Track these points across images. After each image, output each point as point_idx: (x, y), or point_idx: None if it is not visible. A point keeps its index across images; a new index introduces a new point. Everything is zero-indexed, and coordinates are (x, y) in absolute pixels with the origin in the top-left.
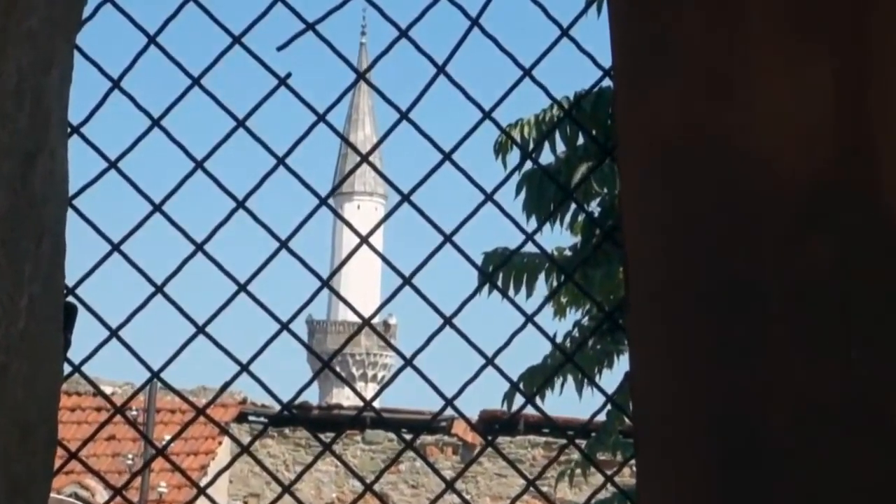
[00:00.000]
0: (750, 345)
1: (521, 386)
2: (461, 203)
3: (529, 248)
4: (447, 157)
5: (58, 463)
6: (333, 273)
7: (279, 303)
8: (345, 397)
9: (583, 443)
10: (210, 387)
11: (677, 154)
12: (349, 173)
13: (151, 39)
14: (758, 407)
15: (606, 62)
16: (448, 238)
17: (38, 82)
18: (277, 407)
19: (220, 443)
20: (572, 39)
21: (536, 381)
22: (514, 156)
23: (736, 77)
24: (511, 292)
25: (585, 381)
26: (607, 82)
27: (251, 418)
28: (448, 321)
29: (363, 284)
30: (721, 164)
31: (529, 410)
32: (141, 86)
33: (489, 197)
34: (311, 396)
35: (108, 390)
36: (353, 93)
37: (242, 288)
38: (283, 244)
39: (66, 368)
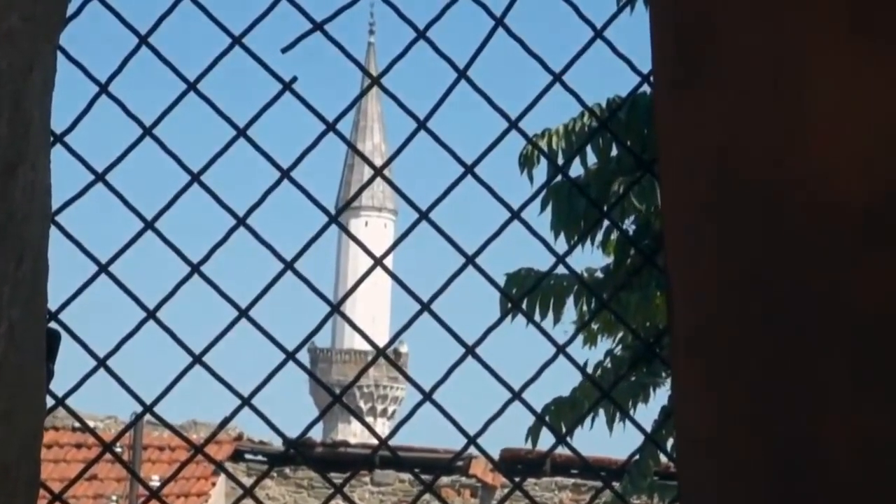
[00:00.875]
0: (806, 380)
1: (546, 420)
2: (481, 221)
3: (556, 269)
4: (469, 170)
5: None
6: (344, 298)
7: (279, 330)
8: (351, 434)
9: (615, 485)
10: (202, 421)
11: (726, 168)
12: (362, 188)
13: (143, 39)
14: (815, 449)
15: (643, 67)
16: (470, 260)
17: (18, 86)
18: (276, 444)
19: (213, 484)
20: (607, 41)
21: (564, 414)
22: (539, 170)
23: (790, 83)
24: (536, 317)
25: (617, 417)
26: (643, 89)
27: (248, 457)
28: (470, 350)
29: (371, 310)
30: (774, 178)
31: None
32: (131, 91)
33: (516, 214)
34: (314, 432)
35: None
36: (361, 100)
37: (244, 313)
38: (289, 265)
39: (49, 401)
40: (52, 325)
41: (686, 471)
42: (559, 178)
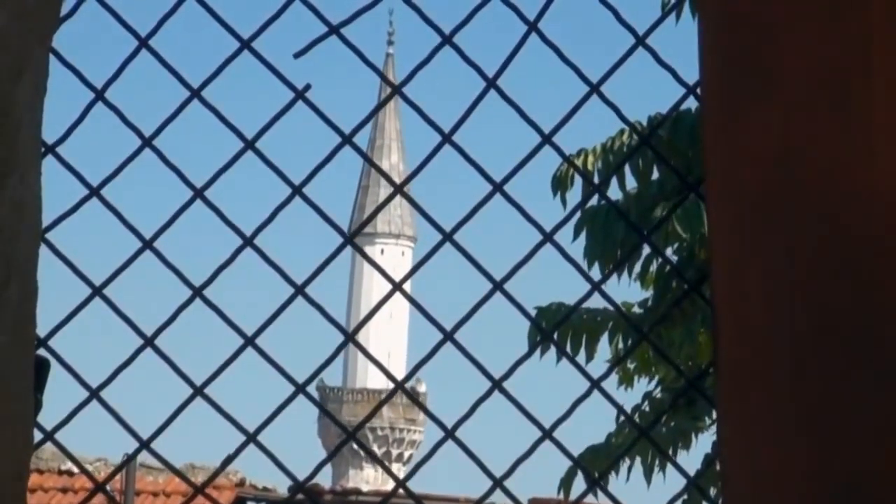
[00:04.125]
0: (868, 413)
1: (579, 462)
2: (509, 248)
3: (590, 302)
4: (498, 187)
5: None
6: (360, 326)
7: (286, 366)
8: (363, 480)
9: None
10: (200, 465)
11: (780, 187)
12: (381, 206)
13: (143, 42)
14: (877, 489)
15: (688, 79)
16: (498, 286)
17: (6, 92)
18: (281, 490)
19: None
20: (649, 49)
21: (598, 463)
22: (574, 193)
23: (853, 93)
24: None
25: (656, 464)
26: (687, 104)
27: None
28: (497, 385)
29: (387, 346)
30: (833, 197)
31: (588, 499)
32: (130, 98)
33: (548, 237)
34: (323, 478)
35: (75, 469)
36: (379, 114)
37: (250, 341)
38: (300, 290)
39: (37, 435)
40: (41, 352)
41: None
42: (594, 201)
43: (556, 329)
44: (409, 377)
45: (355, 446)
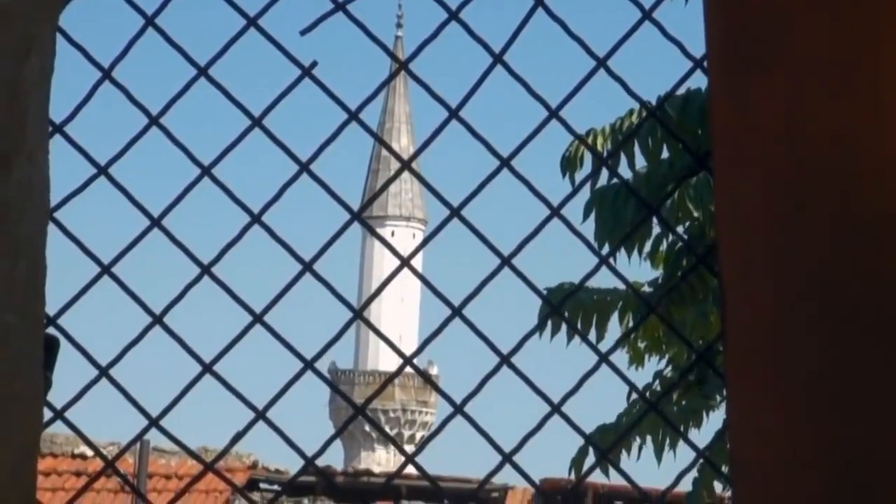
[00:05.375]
0: (880, 390)
1: (590, 449)
2: (517, 228)
3: (599, 282)
4: (505, 162)
5: None
6: (369, 301)
7: (296, 345)
8: (375, 462)
9: None
10: (212, 447)
11: (787, 157)
12: (390, 181)
13: (149, 21)
14: (890, 467)
15: (696, 53)
16: (506, 261)
17: (13, 71)
18: (293, 472)
19: None
20: (656, 24)
21: (610, 442)
22: (583, 173)
23: (860, 62)
24: (576, 336)
25: (667, 443)
26: (696, 84)
27: (263, 486)
28: (506, 360)
29: (398, 328)
30: (840, 168)
31: (599, 479)
32: (137, 77)
33: (556, 211)
34: (336, 460)
35: (88, 452)
36: (388, 97)
37: (258, 319)
38: (307, 266)
39: (47, 414)
40: (50, 330)
41: (741, 494)
42: (604, 181)
43: (564, 302)
44: (418, 352)
45: (367, 427)
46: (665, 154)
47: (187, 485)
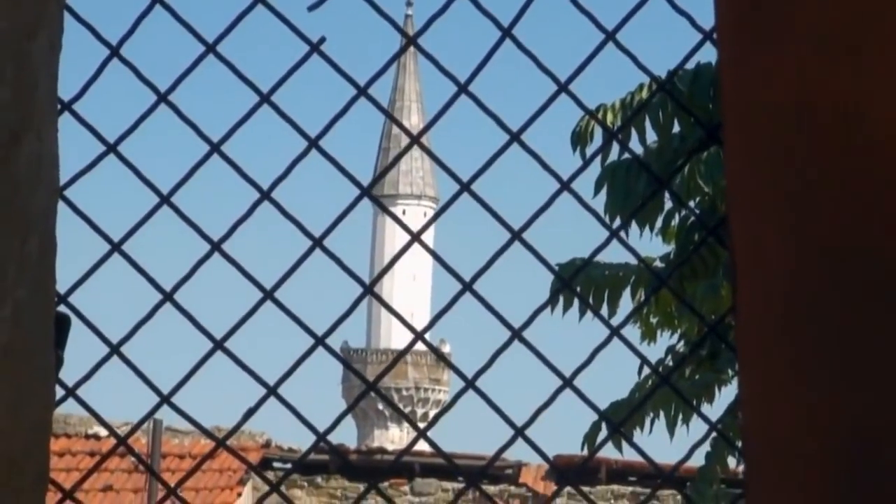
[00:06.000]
0: (894, 362)
1: (602, 425)
2: (527, 204)
3: (611, 258)
4: (515, 137)
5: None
6: (380, 276)
7: (307, 323)
8: (388, 441)
9: (667, 493)
10: (225, 427)
11: (798, 129)
12: (400, 155)
13: None
14: None
15: (706, 26)
16: (517, 235)
17: (22, 49)
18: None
19: (238, 494)
20: None
21: (621, 416)
22: (593, 148)
23: (870, 35)
24: (589, 312)
25: (679, 418)
26: (706, 58)
27: (276, 465)
28: (517, 333)
29: (410, 306)
30: (850, 141)
31: (612, 455)
32: (145, 54)
33: (566, 185)
34: (349, 439)
35: (102, 432)
36: (398, 75)
37: (269, 295)
38: (317, 242)
39: (58, 392)
40: (62, 308)
41: (752, 467)
42: (615, 156)
43: (575, 276)
44: (429, 326)
45: (380, 405)
46: (676, 128)
47: (200, 460)
